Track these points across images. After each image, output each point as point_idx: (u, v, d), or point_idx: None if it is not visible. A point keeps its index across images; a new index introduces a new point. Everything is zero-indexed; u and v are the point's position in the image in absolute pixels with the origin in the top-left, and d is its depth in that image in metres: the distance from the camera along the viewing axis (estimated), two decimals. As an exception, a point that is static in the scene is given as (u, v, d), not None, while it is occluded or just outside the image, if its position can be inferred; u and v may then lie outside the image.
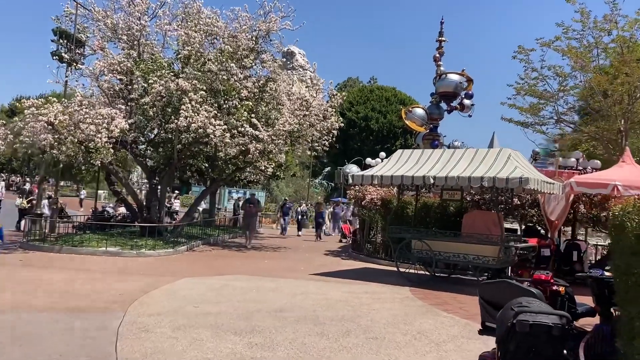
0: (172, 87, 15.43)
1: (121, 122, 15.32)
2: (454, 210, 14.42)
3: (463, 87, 28.47)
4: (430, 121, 28.79)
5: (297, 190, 44.30)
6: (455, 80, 28.21)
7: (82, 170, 18.07)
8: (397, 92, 62.71)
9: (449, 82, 28.26)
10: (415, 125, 29.16)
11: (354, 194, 17.31)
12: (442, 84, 28.44)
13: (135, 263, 13.55)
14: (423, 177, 11.33)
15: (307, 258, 16.54)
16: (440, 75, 28.66)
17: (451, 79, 28.27)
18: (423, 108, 28.99)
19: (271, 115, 18.13)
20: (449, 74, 28.51)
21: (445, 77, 28.51)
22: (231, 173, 20.13)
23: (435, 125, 29.09)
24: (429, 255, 12.02)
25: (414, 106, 30.36)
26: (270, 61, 17.46)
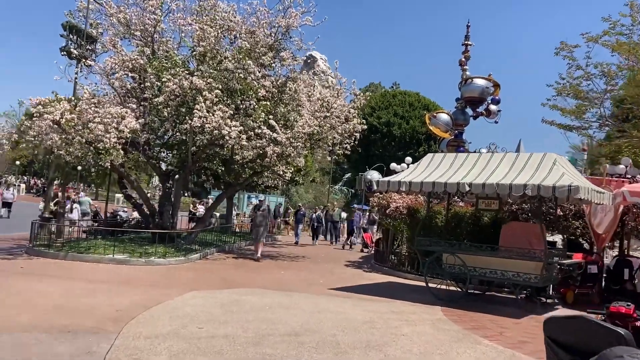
0: (185, 85, 14.50)
1: (131, 122, 14.43)
2: (488, 221, 13.22)
3: (489, 92, 27.47)
4: (455, 127, 27.76)
5: (316, 196, 43.26)
6: (482, 85, 27.26)
7: (91, 173, 17.13)
8: (421, 97, 61.32)
9: (474, 87, 27.32)
10: (440, 131, 28.13)
11: (377, 202, 16.17)
12: (467, 88, 27.44)
13: (142, 272, 12.60)
14: (457, 185, 10.18)
15: (327, 269, 15.45)
16: (465, 80, 27.66)
17: (477, 84, 27.33)
18: (448, 113, 28.02)
19: (290, 117, 17.11)
20: (475, 79, 27.61)
21: (471, 81, 27.59)
22: (248, 177, 19.14)
23: (460, 131, 28.03)
24: (462, 271, 10.84)
25: (438, 111, 29.36)
26: (290, 59, 16.44)
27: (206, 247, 17.54)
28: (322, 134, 16.48)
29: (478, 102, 27.75)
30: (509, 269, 10.31)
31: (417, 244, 11.51)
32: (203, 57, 15.99)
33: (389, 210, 15.28)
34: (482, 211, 12.40)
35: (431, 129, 28.06)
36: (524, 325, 9.11)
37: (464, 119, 27.84)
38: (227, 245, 19.34)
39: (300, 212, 25.64)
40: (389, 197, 15.71)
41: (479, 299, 11.47)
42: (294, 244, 23.66)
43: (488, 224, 13.21)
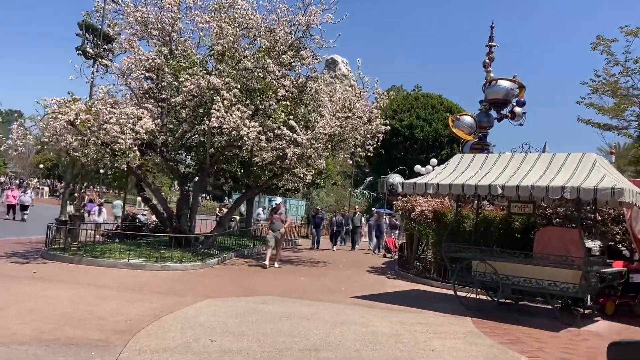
0: (203, 84, 14.05)
1: (147, 123, 14.03)
2: (520, 226, 12.50)
3: (514, 94, 26.73)
4: (479, 129, 27.10)
5: (338, 200, 42.64)
6: (506, 86, 26.52)
7: (108, 175, 16.80)
8: (444, 99, 60.40)
9: (499, 88, 26.60)
10: (463, 133, 27.40)
11: (402, 205, 15.52)
12: (491, 90, 26.72)
13: (158, 278, 12.14)
14: (489, 187, 9.50)
15: (349, 276, 14.84)
16: (489, 82, 26.95)
17: (501, 86, 26.60)
18: (471, 116, 27.33)
19: (310, 118, 16.56)
20: (499, 80, 26.90)
21: (495, 83, 26.87)
22: (267, 180, 18.63)
23: (484, 133, 27.34)
24: (494, 280, 10.14)
25: (461, 114, 28.69)
26: (310, 58, 15.89)
27: (224, 252, 17.08)
28: (343, 135, 15.90)
29: (502, 104, 27.06)
30: (544, 278, 9.60)
31: (445, 251, 10.85)
32: (221, 56, 15.54)
33: (413, 214, 14.63)
34: (515, 215, 11.67)
35: (454, 132, 27.39)
36: (563, 339, 8.40)
37: (488, 121, 27.16)
38: (247, 250, 18.86)
39: (319, 216, 24.65)
40: (414, 200, 15.06)
41: (511, 309, 10.75)
42: (312, 249, 22.95)
43: (519, 228, 12.50)
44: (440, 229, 13.76)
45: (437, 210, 13.99)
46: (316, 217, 24.61)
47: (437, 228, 13.96)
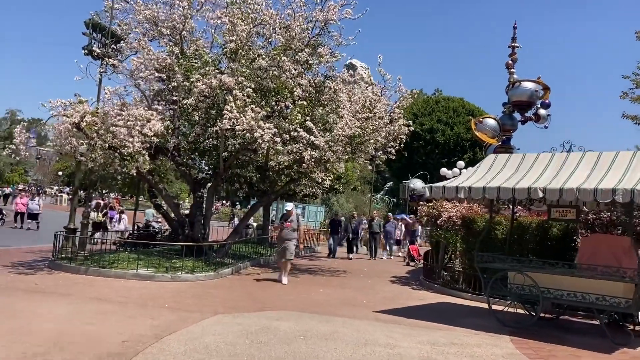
0: (214, 83, 13.27)
1: (157, 125, 13.28)
2: (558, 233, 11.45)
3: (539, 96, 25.83)
4: (503, 132, 26.16)
5: (357, 206, 41.68)
6: (530, 88, 25.61)
7: (117, 181, 16.13)
8: (465, 102, 59.15)
9: (523, 90, 25.70)
10: (487, 137, 26.46)
11: (427, 211, 14.53)
12: (515, 92, 25.83)
13: (166, 290, 11.34)
14: (528, 190, 8.51)
15: (371, 286, 13.89)
16: (513, 84, 26.05)
17: (526, 87, 25.71)
18: (495, 118, 26.42)
19: (329, 119, 15.69)
20: (523, 82, 26.01)
21: (519, 85, 25.98)
22: (284, 185, 17.78)
23: (508, 137, 26.41)
24: (533, 293, 9.12)
25: (484, 116, 27.80)
26: (328, 55, 15.02)
27: (239, 261, 16.25)
28: (364, 136, 14.99)
29: (527, 106, 26.09)
30: (591, 291, 8.55)
31: (478, 260, 9.84)
32: (234, 54, 14.76)
33: (440, 221, 13.65)
34: (555, 222, 10.62)
35: (477, 135, 26.47)
36: (617, 363, 7.37)
37: (511, 124, 26.18)
38: (263, 259, 18.00)
39: (337, 221, 22.93)
40: (440, 205, 14.08)
41: (551, 325, 9.71)
42: (327, 257, 21.60)
43: (557, 236, 11.44)
44: (470, 237, 12.77)
45: (465, 217, 12.99)
46: (332, 223, 22.95)
47: (466, 235, 12.96)
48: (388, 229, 23.50)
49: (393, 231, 23.80)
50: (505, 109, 26.48)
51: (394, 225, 24.00)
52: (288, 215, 13.67)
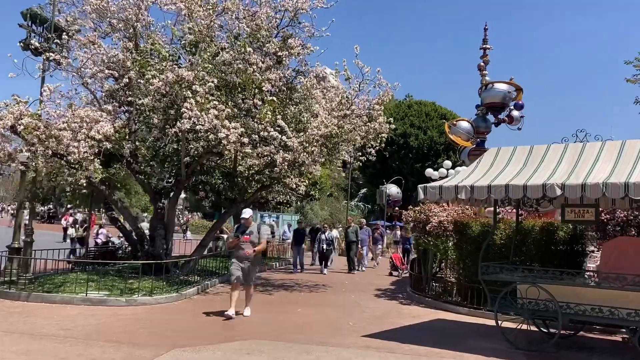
0: (170, 78, 11.70)
1: (105, 126, 11.64)
2: (565, 236, 10.15)
3: (512, 97, 25.29)
4: (477, 135, 25.39)
5: (332, 213, 40.26)
6: (503, 89, 24.99)
7: (66, 192, 14.36)
8: (437, 106, 58.65)
9: (496, 92, 25.06)
10: (461, 139, 25.69)
11: (414, 216, 13.13)
12: (488, 94, 25.15)
13: (119, 317, 9.67)
14: (543, 187, 7.15)
15: (355, 303, 12.39)
16: (486, 85, 25.37)
17: (498, 89, 25.09)
18: (468, 121, 25.69)
19: (302, 118, 14.23)
20: (496, 84, 25.41)
21: (492, 86, 25.37)
22: (255, 192, 16.21)
23: (482, 139, 25.65)
24: (550, 309, 7.75)
25: (458, 119, 27.04)
26: (299, 48, 13.58)
27: (207, 278, 14.60)
28: (341, 136, 13.54)
29: (500, 107, 25.47)
30: (620, 305, 7.22)
31: (482, 272, 8.43)
32: (195, 47, 13.23)
33: (429, 227, 12.25)
34: (570, 223, 9.30)
35: (451, 138, 25.69)
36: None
37: (485, 126, 25.44)
38: (233, 274, 16.34)
39: (300, 232, 20.07)
40: (429, 209, 12.71)
41: (570, 344, 8.36)
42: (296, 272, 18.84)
43: (565, 240, 10.15)
44: (464, 243, 11.40)
45: (458, 221, 11.63)
46: (297, 233, 20.01)
47: (459, 242, 11.59)
48: (361, 236, 20.85)
49: (367, 239, 21.43)
50: (479, 111, 25.70)
51: (367, 233, 21.76)
52: (246, 226, 10.31)
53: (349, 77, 13.72)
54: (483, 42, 27.20)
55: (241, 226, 10.48)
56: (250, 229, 10.26)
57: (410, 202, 48.50)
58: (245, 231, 10.21)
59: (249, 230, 10.24)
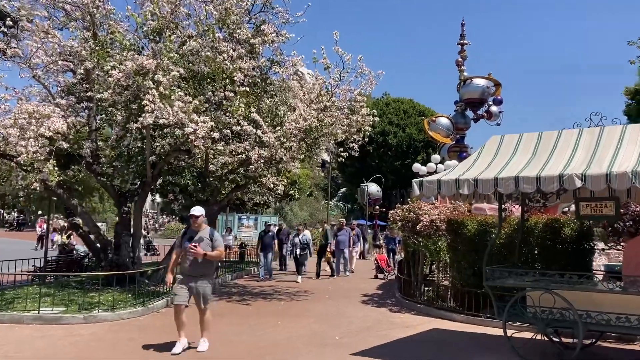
0: (129, 66, 10.49)
1: (57, 122, 10.37)
2: (572, 234, 9.19)
3: (490, 93, 24.93)
4: (456, 131, 24.81)
5: (312, 214, 39.16)
6: (482, 85, 24.61)
7: (19, 197, 13.03)
8: (415, 103, 58.03)
9: (474, 87, 24.69)
10: (440, 136, 25.10)
11: (402, 215, 12.08)
12: (467, 90, 24.69)
13: (72, 340, 8.44)
14: (559, 178, 6.15)
15: (340, 311, 11.29)
16: (464, 81, 24.90)
17: (477, 84, 24.73)
18: (447, 117, 25.17)
19: (279, 112, 13.11)
20: (475, 79, 25.10)
21: (471, 82, 24.98)
22: (229, 193, 15.02)
23: (461, 135, 25.18)
24: (568, 319, 6.75)
25: (437, 116, 26.39)
26: (273, 34, 12.46)
27: (178, 287, 13.35)
28: (321, 129, 12.46)
29: (479, 103, 25.09)
30: (651, 313, 6.25)
31: (488, 277, 7.39)
32: (158, 34, 12.01)
33: (420, 226, 11.21)
34: (587, 220, 8.32)
35: (431, 135, 25.10)
36: None
37: (464, 122, 24.98)
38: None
39: (269, 234, 17.38)
40: (418, 207, 11.68)
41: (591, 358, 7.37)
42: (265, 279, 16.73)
43: (572, 238, 9.19)
44: (458, 244, 10.39)
45: (452, 220, 10.61)
46: (266, 236, 17.35)
47: (454, 242, 10.58)
48: (341, 238, 18.59)
49: (347, 241, 18.81)
50: (458, 107, 25.13)
51: (347, 234, 19.06)
52: (194, 230, 7.78)
53: (328, 66, 12.63)
54: (460, 37, 26.63)
55: (189, 230, 7.92)
56: (200, 234, 7.70)
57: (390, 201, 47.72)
58: (193, 237, 7.68)
59: (199, 235, 7.68)
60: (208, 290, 7.75)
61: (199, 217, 7.79)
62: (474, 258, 10.07)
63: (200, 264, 7.57)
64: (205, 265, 7.66)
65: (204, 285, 7.66)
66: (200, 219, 7.80)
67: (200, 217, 7.81)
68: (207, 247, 7.58)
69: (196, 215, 7.78)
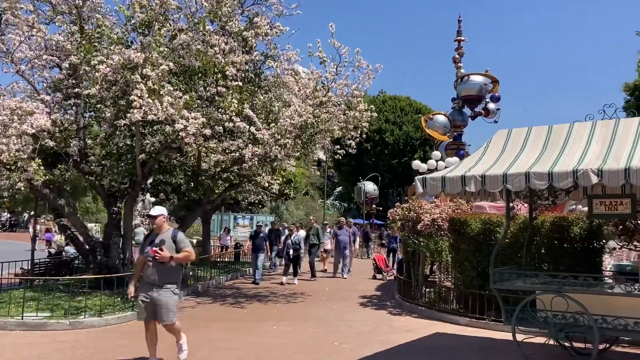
0: (116, 60, 10.03)
1: (40, 119, 9.90)
2: (581, 233, 8.77)
3: (488, 89, 24.67)
4: (454, 129, 24.53)
5: (308, 213, 38.74)
6: (479, 81, 24.32)
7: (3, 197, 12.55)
8: (412, 101, 57.63)
9: (472, 84, 24.42)
10: (438, 134, 24.84)
11: (401, 214, 11.63)
12: (464, 86, 24.39)
13: (56, 347, 8.00)
14: (573, 174, 5.73)
15: (338, 314, 10.85)
16: (461, 78, 24.62)
17: (474, 81, 24.45)
18: (445, 115, 24.94)
19: (273, 108, 12.66)
20: (472, 76, 24.84)
21: (468, 79, 24.70)
22: (222, 192, 14.56)
23: (459, 133, 24.91)
24: (582, 324, 6.32)
25: (434, 113, 26.16)
26: (267, 27, 12.00)
27: (170, 290, 12.88)
28: (317, 126, 12.00)
29: (476, 100, 24.84)
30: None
31: (495, 280, 6.95)
32: (147, 27, 11.54)
33: (421, 225, 10.78)
34: (600, 218, 7.88)
35: (428, 132, 24.85)
36: None
37: (462, 119, 24.72)
38: (201, 284, 14.69)
39: (261, 235, 16.30)
40: (419, 206, 11.25)
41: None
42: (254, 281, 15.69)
43: (581, 237, 8.77)
44: (461, 244, 9.97)
45: (455, 218, 10.18)
46: (257, 237, 16.21)
47: (456, 242, 10.15)
48: (341, 237, 17.60)
49: (348, 241, 17.79)
50: (455, 104, 24.80)
51: (348, 233, 18.06)
52: (156, 233, 6.77)
53: (324, 60, 12.17)
54: (457, 33, 26.27)
55: (151, 234, 6.87)
56: (161, 237, 6.62)
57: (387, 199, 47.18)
58: (154, 241, 6.61)
59: (159, 238, 6.60)
60: (172, 302, 6.53)
61: (157, 217, 6.74)
62: (477, 258, 9.67)
63: (163, 271, 6.48)
64: (169, 272, 6.53)
65: (167, 296, 6.48)
66: (159, 220, 6.74)
67: (160, 217, 6.75)
68: (170, 250, 6.53)
69: (153, 216, 6.77)
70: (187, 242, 6.83)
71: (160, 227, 6.74)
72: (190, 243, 19.61)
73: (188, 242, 6.90)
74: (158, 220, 6.73)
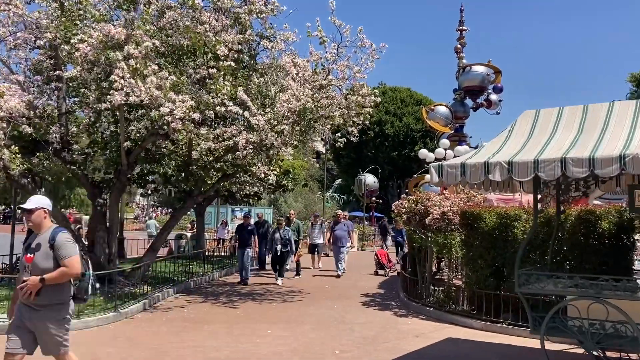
0: (95, 36, 9.11)
1: (11, 100, 9.00)
2: (610, 229, 7.90)
3: (490, 80, 23.84)
4: (455, 120, 23.75)
5: (307, 205, 37.86)
6: (482, 72, 23.52)
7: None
8: (413, 92, 56.70)
9: (474, 74, 23.61)
10: (439, 125, 24.06)
11: (408, 207, 10.73)
12: (466, 77, 23.60)
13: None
14: (620, 159, 4.84)
15: (339, 316, 9.97)
16: (463, 68, 23.81)
17: (477, 71, 23.65)
18: (446, 106, 24.17)
19: (269, 92, 11.75)
20: (474, 66, 24.04)
21: (470, 69, 23.87)
22: (215, 183, 13.66)
23: (460, 124, 24.17)
24: (625, 335, 5.45)
25: (435, 104, 25.35)
26: (261, 3, 11.06)
27: (159, 287, 12.04)
28: (317, 111, 11.09)
29: (478, 91, 24.04)
30: None
31: (522, 282, 6.07)
32: (133, 4, 10.62)
33: (429, 219, 9.89)
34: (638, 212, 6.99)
35: (429, 124, 24.08)
36: None
37: (463, 110, 23.97)
38: (194, 280, 13.82)
39: (248, 229, 14.72)
40: (427, 198, 10.37)
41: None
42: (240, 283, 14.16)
43: (610, 233, 7.90)
44: (474, 240, 9.09)
45: (467, 212, 9.29)
46: (244, 231, 14.71)
47: (469, 238, 9.27)
48: (339, 233, 16.27)
49: (346, 236, 16.40)
50: (457, 95, 24.02)
51: (346, 228, 16.63)
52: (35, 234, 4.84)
53: (324, 40, 11.25)
54: (459, 23, 25.41)
55: (31, 235, 4.94)
56: (38, 240, 4.75)
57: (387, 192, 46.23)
58: (30, 245, 4.77)
59: (36, 242, 4.74)
60: (56, 332, 4.66)
61: (33, 212, 4.75)
62: (492, 255, 8.81)
63: (43, 288, 4.57)
64: (50, 291, 4.63)
65: (49, 324, 4.63)
66: (35, 215, 4.75)
67: (36, 211, 4.75)
68: (44, 259, 4.65)
69: (28, 209, 4.77)
70: (69, 250, 4.67)
71: (39, 225, 4.76)
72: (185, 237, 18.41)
73: (71, 249, 4.70)
74: (35, 215, 4.74)
